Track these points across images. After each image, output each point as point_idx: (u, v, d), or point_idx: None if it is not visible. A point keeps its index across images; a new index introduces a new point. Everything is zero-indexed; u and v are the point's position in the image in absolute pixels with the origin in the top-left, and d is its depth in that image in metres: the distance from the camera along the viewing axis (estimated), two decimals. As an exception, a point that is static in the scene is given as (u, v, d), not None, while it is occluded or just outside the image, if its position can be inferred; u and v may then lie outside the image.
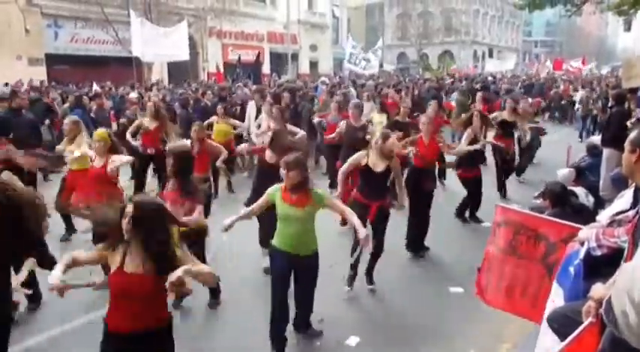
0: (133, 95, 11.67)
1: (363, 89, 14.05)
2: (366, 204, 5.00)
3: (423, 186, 6.20)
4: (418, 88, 17.16)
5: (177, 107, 12.06)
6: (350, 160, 5.12)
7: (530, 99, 12.68)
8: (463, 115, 8.52)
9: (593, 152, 7.89)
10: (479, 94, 11.05)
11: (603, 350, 2.20)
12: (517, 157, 9.63)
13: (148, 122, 7.96)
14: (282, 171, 3.81)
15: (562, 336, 2.59)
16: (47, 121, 10.62)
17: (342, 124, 7.55)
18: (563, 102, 19.48)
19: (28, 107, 9.00)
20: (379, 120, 9.84)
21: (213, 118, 9.42)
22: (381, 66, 26.79)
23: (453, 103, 14.56)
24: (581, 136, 15.10)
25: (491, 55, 52.51)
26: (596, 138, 8.76)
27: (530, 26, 71.32)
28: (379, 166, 4.95)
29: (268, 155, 5.43)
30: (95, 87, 15.46)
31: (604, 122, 8.99)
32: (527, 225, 3.71)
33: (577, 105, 16.70)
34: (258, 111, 10.75)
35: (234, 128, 9.67)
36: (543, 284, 3.46)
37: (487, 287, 3.96)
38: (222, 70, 24.73)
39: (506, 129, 8.69)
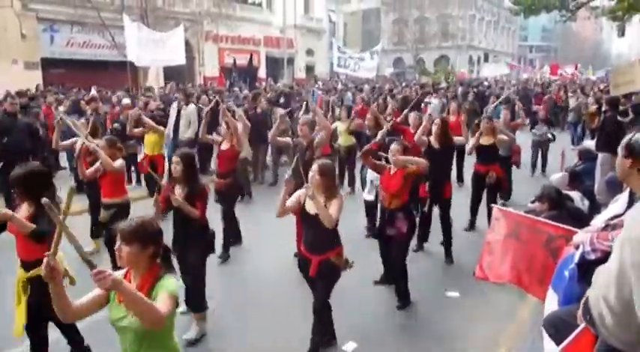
0: (127, 101, 11.64)
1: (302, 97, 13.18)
2: (307, 258, 4.05)
3: (387, 228, 5.05)
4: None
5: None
6: (292, 198, 4.05)
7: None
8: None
9: (587, 156, 7.94)
10: (453, 104, 10.28)
11: (598, 353, 2.20)
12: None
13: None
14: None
15: (558, 341, 2.60)
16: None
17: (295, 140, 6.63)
18: (555, 108, 19.37)
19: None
20: (343, 128, 9.11)
21: (142, 129, 8.16)
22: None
23: (430, 108, 14.46)
24: (573, 142, 14.97)
25: (487, 60, 52.80)
26: (590, 143, 8.81)
27: (526, 31, 71.70)
28: (314, 207, 3.86)
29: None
30: (93, 91, 15.43)
31: (598, 127, 8.97)
32: (526, 223, 3.78)
33: (570, 112, 16.53)
34: (178, 113, 10.38)
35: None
36: (547, 264, 3.48)
37: (490, 266, 3.99)
38: (218, 74, 24.77)
39: (486, 154, 7.14)
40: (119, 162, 5.58)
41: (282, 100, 13.57)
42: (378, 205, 6.00)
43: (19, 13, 21.86)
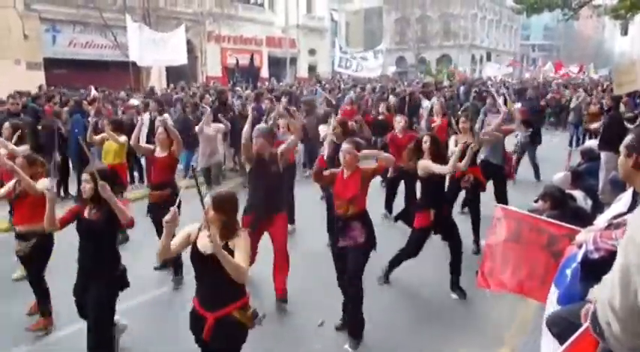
0: (134, 102, 11.62)
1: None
2: (200, 315, 3.09)
3: (341, 239, 4.37)
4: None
5: (174, 111, 12.07)
6: (179, 235, 3.20)
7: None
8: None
9: (590, 156, 7.93)
10: (436, 105, 9.48)
11: (602, 352, 2.20)
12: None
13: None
14: None
15: (562, 340, 2.59)
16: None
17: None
18: (556, 107, 18.87)
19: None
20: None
21: (103, 135, 7.40)
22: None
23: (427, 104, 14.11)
24: (571, 144, 14.06)
25: (489, 59, 52.73)
26: (592, 142, 8.80)
27: (528, 30, 71.57)
28: (210, 247, 2.91)
29: None
30: (94, 91, 15.44)
31: (599, 127, 8.88)
32: (528, 221, 3.75)
33: (571, 112, 16.03)
34: (152, 124, 9.25)
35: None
36: (550, 265, 3.45)
37: (491, 273, 3.95)
38: (221, 74, 24.82)
39: (462, 155, 6.58)
40: (42, 184, 4.44)
41: (284, 100, 13.56)
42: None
43: (21, 13, 21.93)
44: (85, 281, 3.77)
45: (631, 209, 2.77)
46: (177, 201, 3.10)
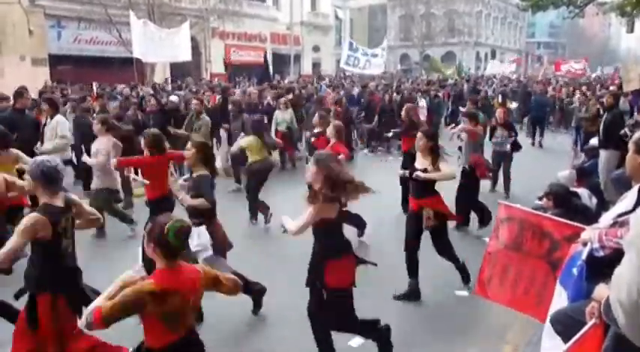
0: (174, 98, 11.49)
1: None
2: None
3: None
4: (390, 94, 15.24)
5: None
6: None
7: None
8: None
9: (594, 154, 7.92)
10: (407, 106, 8.26)
11: (607, 350, 2.20)
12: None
13: None
14: None
15: (566, 338, 2.59)
16: None
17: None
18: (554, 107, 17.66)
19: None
20: (248, 143, 7.24)
21: None
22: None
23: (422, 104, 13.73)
24: (575, 144, 13.00)
25: (494, 56, 52.51)
26: (595, 141, 8.77)
27: (534, 27, 71.27)
28: None
29: None
30: (95, 88, 15.45)
31: (604, 125, 8.57)
32: (532, 221, 3.71)
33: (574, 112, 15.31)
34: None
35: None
36: (548, 281, 3.44)
37: (489, 283, 3.93)
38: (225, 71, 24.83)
39: (417, 182, 5.13)
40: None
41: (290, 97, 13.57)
42: None
43: (26, 9, 21.99)
44: None
45: (636, 207, 2.76)
46: None
